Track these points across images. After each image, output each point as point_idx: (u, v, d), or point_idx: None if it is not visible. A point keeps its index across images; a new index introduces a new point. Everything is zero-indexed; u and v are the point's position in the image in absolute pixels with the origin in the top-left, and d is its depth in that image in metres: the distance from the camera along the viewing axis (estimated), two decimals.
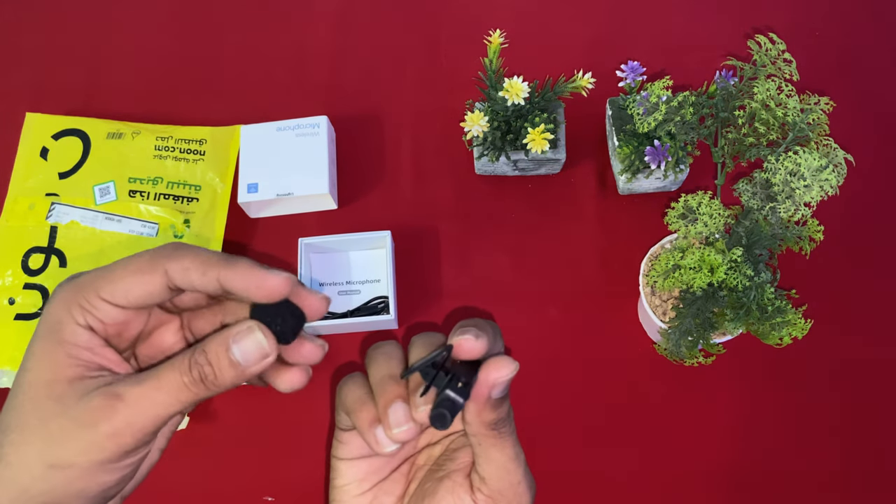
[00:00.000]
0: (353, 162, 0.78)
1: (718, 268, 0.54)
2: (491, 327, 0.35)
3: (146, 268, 0.32)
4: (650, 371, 0.69)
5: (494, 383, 0.33)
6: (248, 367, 0.31)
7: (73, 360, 0.31)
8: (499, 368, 0.33)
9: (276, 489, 0.67)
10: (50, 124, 0.78)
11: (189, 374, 0.31)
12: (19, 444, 0.31)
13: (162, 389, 0.31)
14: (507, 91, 0.65)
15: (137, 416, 0.31)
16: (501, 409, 0.34)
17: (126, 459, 0.31)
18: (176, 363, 0.31)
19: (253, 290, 0.31)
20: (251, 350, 0.31)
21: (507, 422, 0.35)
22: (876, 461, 0.67)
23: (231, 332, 0.31)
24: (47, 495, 0.31)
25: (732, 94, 0.62)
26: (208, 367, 0.31)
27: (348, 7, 0.86)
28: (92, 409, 0.30)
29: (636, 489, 0.66)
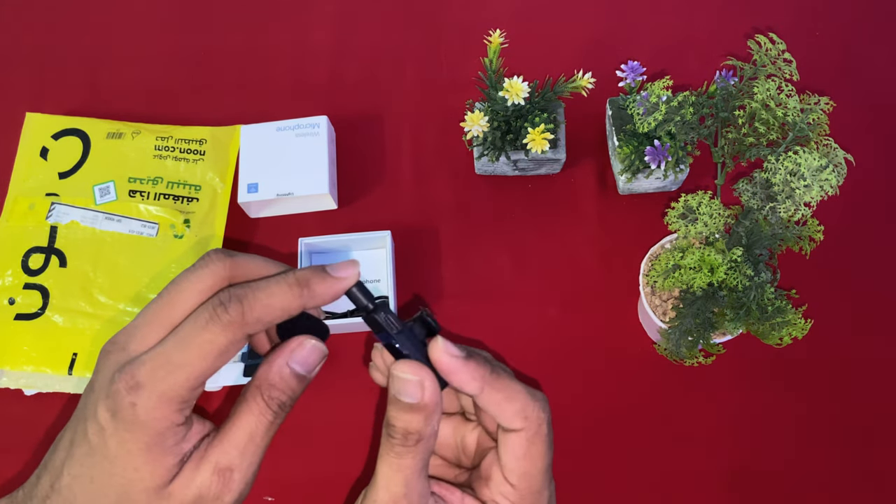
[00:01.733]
0: (353, 162, 0.78)
1: (718, 268, 0.54)
2: None
3: (224, 347, 0.33)
4: (650, 371, 0.69)
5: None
6: (311, 373, 0.34)
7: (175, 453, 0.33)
8: None
9: (276, 489, 0.67)
10: (50, 124, 0.78)
11: (269, 410, 0.34)
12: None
13: (253, 441, 0.34)
14: (507, 91, 0.65)
15: (244, 462, 0.34)
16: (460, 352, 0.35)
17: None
18: (249, 409, 0.34)
19: (335, 288, 0.34)
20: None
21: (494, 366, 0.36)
22: (876, 461, 0.67)
23: (285, 351, 0.34)
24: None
25: (732, 94, 0.62)
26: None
27: (348, 7, 0.86)
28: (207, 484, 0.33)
29: (636, 489, 0.66)
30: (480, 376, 0.34)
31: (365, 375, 0.71)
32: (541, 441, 0.35)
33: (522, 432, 0.34)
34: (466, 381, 0.34)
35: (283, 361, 0.34)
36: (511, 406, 0.34)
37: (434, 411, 0.34)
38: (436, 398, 0.34)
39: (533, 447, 0.35)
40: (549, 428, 0.35)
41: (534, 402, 0.35)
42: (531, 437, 0.35)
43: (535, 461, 0.35)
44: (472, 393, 0.34)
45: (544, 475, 0.36)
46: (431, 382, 0.34)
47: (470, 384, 0.34)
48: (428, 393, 0.33)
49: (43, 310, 0.70)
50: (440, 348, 0.34)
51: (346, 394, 0.70)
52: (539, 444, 0.35)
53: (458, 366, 0.34)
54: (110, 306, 0.71)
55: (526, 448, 0.35)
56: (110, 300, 0.71)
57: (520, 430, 0.35)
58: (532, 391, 0.35)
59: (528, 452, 0.35)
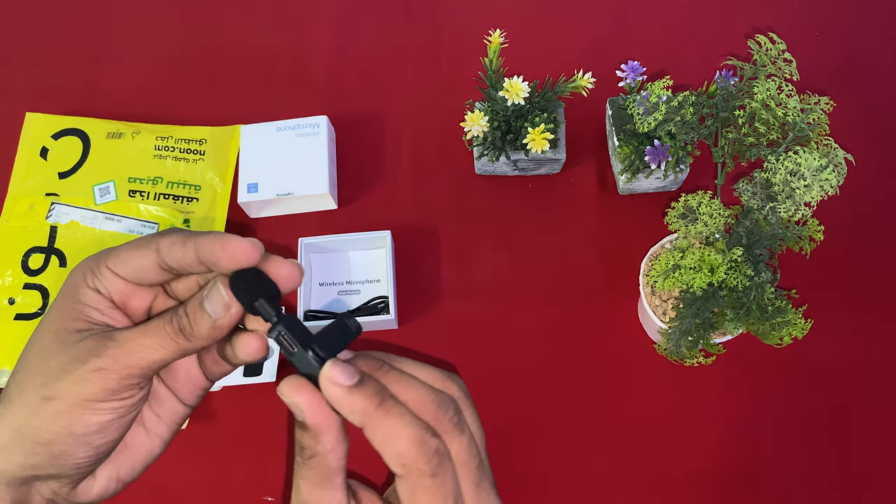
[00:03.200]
0: (353, 162, 0.78)
1: (718, 268, 0.54)
2: None
3: (143, 244, 0.36)
4: (650, 371, 0.69)
5: None
6: (218, 319, 0.34)
7: (82, 315, 0.35)
8: None
9: (276, 489, 0.67)
10: (50, 124, 0.78)
11: (171, 324, 0.34)
12: (21, 381, 0.34)
13: (147, 335, 0.34)
14: (507, 91, 0.65)
15: (123, 355, 0.34)
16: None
17: (110, 400, 0.34)
18: (162, 316, 0.35)
19: (218, 253, 0.33)
20: (217, 301, 0.33)
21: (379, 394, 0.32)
22: (876, 461, 0.67)
23: (203, 290, 0.34)
24: (37, 431, 0.33)
25: (732, 93, 0.62)
26: (185, 319, 0.34)
27: (348, 7, 0.86)
28: (85, 347, 0.34)
29: (636, 489, 0.66)
30: (361, 410, 0.31)
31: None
32: (425, 493, 0.31)
33: (404, 479, 0.31)
34: (348, 413, 0.31)
35: (196, 299, 0.34)
36: (389, 449, 0.31)
37: (321, 431, 0.32)
38: (318, 418, 0.32)
39: (417, 498, 0.31)
40: (437, 482, 0.31)
41: (417, 450, 0.31)
42: (412, 486, 0.31)
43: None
44: (356, 425, 0.32)
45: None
46: (309, 403, 0.32)
47: (352, 417, 0.31)
48: (308, 414, 0.32)
49: (43, 310, 0.70)
50: (325, 374, 0.31)
51: None
52: (424, 495, 0.31)
53: (340, 395, 0.31)
54: None
55: (410, 498, 0.31)
56: None
57: (400, 477, 0.31)
58: (422, 435, 0.31)
59: (413, 502, 0.31)
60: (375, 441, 0.31)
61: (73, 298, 0.35)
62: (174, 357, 0.35)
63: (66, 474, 0.34)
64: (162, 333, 0.34)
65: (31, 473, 0.34)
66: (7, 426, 0.33)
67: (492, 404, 0.69)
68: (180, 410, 0.39)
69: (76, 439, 0.34)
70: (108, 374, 0.33)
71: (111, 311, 0.36)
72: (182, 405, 0.39)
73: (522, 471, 0.67)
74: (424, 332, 0.72)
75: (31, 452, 0.33)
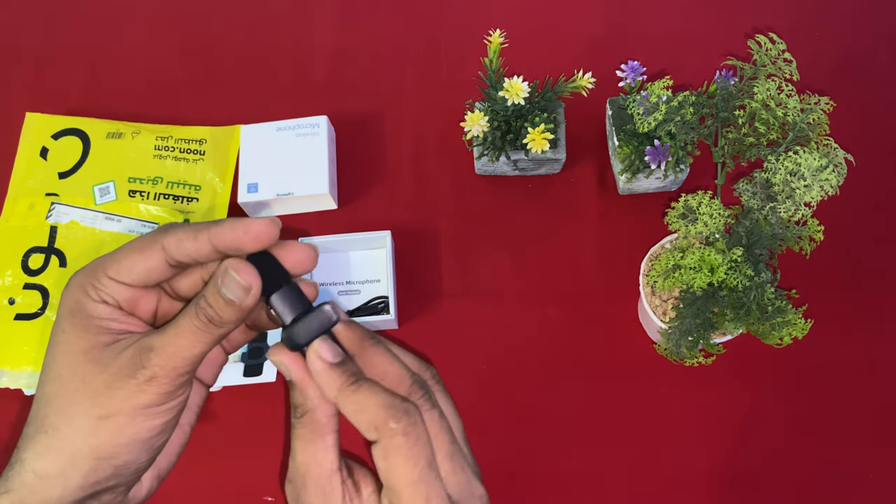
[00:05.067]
0: (353, 162, 0.78)
1: (718, 268, 0.54)
2: None
3: (146, 246, 0.36)
4: (650, 371, 0.69)
5: None
6: (242, 302, 0.34)
7: (101, 329, 0.35)
8: None
9: (276, 489, 0.67)
10: (50, 124, 0.78)
11: (198, 318, 0.35)
12: (65, 408, 0.34)
13: (181, 336, 0.35)
14: (507, 91, 0.65)
15: (168, 360, 0.34)
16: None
17: (167, 402, 0.35)
18: (187, 311, 0.35)
19: (241, 238, 0.34)
20: (234, 286, 0.34)
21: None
22: (876, 461, 0.67)
23: (217, 275, 0.34)
24: (99, 449, 0.34)
25: (732, 93, 0.62)
26: (210, 310, 0.34)
27: (348, 7, 0.86)
28: (127, 362, 0.34)
29: (636, 489, 0.66)
30: (337, 386, 0.34)
31: None
32: (397, 453, 0.33)
33: (377, 444, 0.33)
34: (323, 386, 0.34)
35: (213, 288, 0.35)
36: (362, 417, 0.33)
37: (306, 386, 0.35)
38: (301, 374, 0.35)
39: (390, 460, 0.33)
40: (408, 441, 0.33)
41: (387, 412, 0.33)
42: (384, 448, 0.33)
43: (396, 475, 0.33)
44: (331, 400, 0.34)
45: (415, 489, 0.33)
46: (290, 361, 0.35)
47: (327, 391, 0.34)
48: (292, 371, 0.35)
49: (43, 310, 0.70)
50: (313, 347, 0.34)
51: None
52: (396, 457, 0.33)
53: (320, 369, 0.34)
54: None
55: (384, 461, 0.33)
56: None
57: (374, 442, 0.33)
58: (393, 401, 0.33)
59: (387, 465, 0.33)
60: (349, 413, 0.34)
61: (83, 316, 0.35)
62: (214, 344, 0.36)
63: (124, 482, 0.36)
64: (194, 330, 0.35)
65: (90, 492, 0.35)
66: (60, 452, 0.34)
67: (491, 404, 0.69)
68: (202, 392, 0.41)
69: (141, 445, 0.35)
70: (161, 381, 0.34)
71: (126, 318, 0.36)
72: (203, 386, 0.41)
73: (522, 470, 0.67)
74: (424, 332, 0.72)
75: (92, 470, 0.34)
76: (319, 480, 0.35)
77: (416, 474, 0.33)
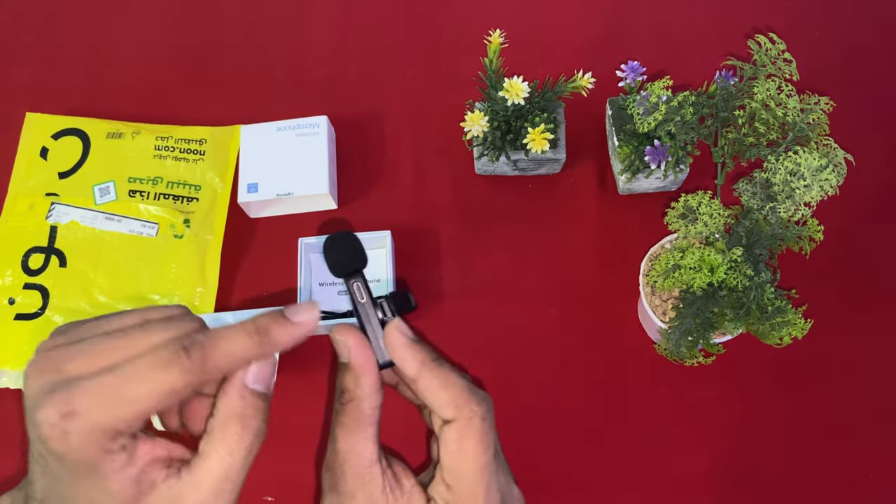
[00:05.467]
0: (353, 162, 0.78)
1: (718, 268, 0.54)
2: None
3: (141, 375, 0.30)
4: (650, 371, 0.69)
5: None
6: (269, 388, 0.35)
7: (136, 484, 0.31)
8: None
9: (276, 489, 0.67)
10: (50, 124, 0.78)
11: (244, 440, 0.33)
12: None
13: (230, 479, 0.34)
14: (507, 91, 0.65)
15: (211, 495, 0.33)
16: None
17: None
18: (223, 443, 0.33)
19: (293, 333, 0.35)
20: (262, 372, 0.35)
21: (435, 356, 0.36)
22: (876, 461, 0.67)
23: (238, 376, 0.34)
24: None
25: (732, 93, 0.62)
26: (252, 420, 0.34)
27: (348, 7, 0.86)
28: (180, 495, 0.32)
29: (636, 489, 0.66)
30: (420, 360, 0.35)
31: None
32: (473, 436, 0.34)
33: (454, 423, 0.34)
34: (407, 359, 0.35)
35: (241, 385, 0.33)
36: (444, 393, 0.34)
37: (361, 373, 0.35)
38: (360, 359, 0.35)
39: (465, 441, 0.33)
40: (484, 424, 0.34)
41: (469, 394, 0.34)
42: (462, 429, 0.34)
43: (466, 458, 0.33)
44: (410, 374, 0.35)
45: (478, 475, 0.34)
46: (356, 343, 0.35)
47: (409, 364, 0.35)
48: (353, 353, 0.35)
49: (43, 310, 0.70)
50: (392, 325, 0.35)
51: None
52: (471, 440, 0.33)
53: (402, 343, 0.35)
54: (110, 306, 0.71)
55: (457, 442, 0.33)
56: (110, 300, 0.71)
57: (451, 421, 0.34)
58: (472, 387, 0.35)
59: (459, 447, 0.33)
60: (431, 388, 0.34)
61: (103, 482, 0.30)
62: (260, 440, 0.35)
63: None
64: (236, 443, 0.33)
65: None
66: None
67: None
68: None
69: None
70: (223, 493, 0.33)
71: (152, 448, 0.32)
72: None
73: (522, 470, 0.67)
74: (424, 332, 0.72)
75: None
76: (359, 470, 0.35)
77: (484, 460, 0.34)
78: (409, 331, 0.35)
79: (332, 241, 0.38)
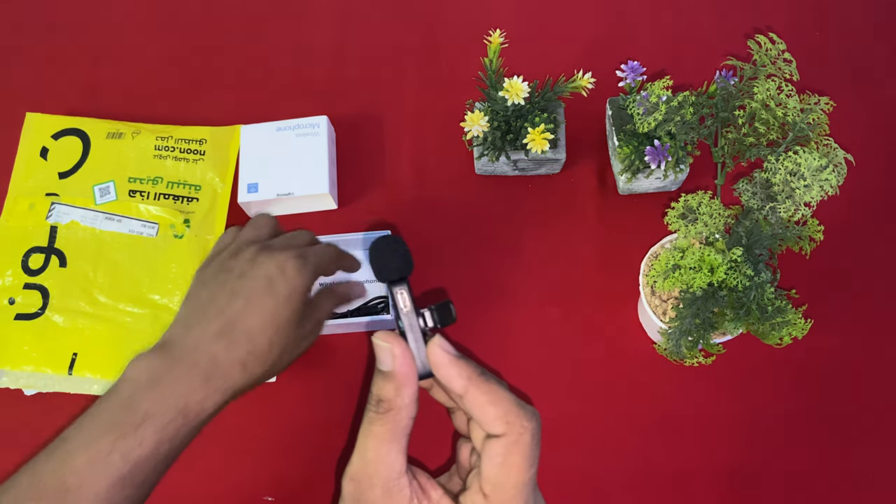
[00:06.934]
0: (353, 162, 0.78)
1: (718, 268, 0.54)
2: None
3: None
4: (650, 371, 0.69)
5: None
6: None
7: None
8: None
9: (276, 489, 0.67)
10: (50, 124, 0.78)
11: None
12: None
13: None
14: (507, 91, 0.65)
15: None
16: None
17: None
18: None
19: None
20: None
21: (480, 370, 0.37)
22: (876, 461, 0.67)
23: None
24: None
25: (732, 93, 0.62)
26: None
27: (348, 7, 0.86)
28: None
29: (636, 489, 0.66)
30: (467, 376, 0.34)
31: (364, 375, 0.71)
32: (520, 451, 0.34)
33: (502, 438, 0.34)
34: (453, 376, 0.35)
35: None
36: (494, 409, 0.34)
37: (404, 383, 0.35)
38: (405, 369, 0.35)
39: (511, 457, 0.34)
40: (532, 441, 0.34)
41: (519, 409, 0.34)
42: (510, 444, 0.34)
43: (510, 472, 0.34)
44: (457, 390, 0.35)
45: (519, 490, 0.34)
46: (402, 352, 0.35)
47: (456, 380, 0.34)
48: (398, 362, 0.35)
49: (43, 310, 0.70)
50: (435, 341, 0.35)
51: (346, 393, 0.70)
52: (518, 455, 0.34)
53: (448, 360, 0.35)
54: (110, 306, 0.71)
55: (504, 456, 0.34)
56: (110, 300, 0.71)
57: (500, 436, 0.34)
58: (521, 402, 0.35)
59: (505, 461, 0.34)
60: (479, 404, 0.34)
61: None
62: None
63: None
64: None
65: None
66: None
67: None
68: None
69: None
70: None
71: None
72: None
73: None
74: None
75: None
76: (388, 482, 0.35)
77: (527, 477, 0.34)
78: (451, 347, 0.35)
79: (381, 245, 0.38)
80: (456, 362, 0.35)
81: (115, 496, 0.44)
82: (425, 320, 0.37)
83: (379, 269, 0.37)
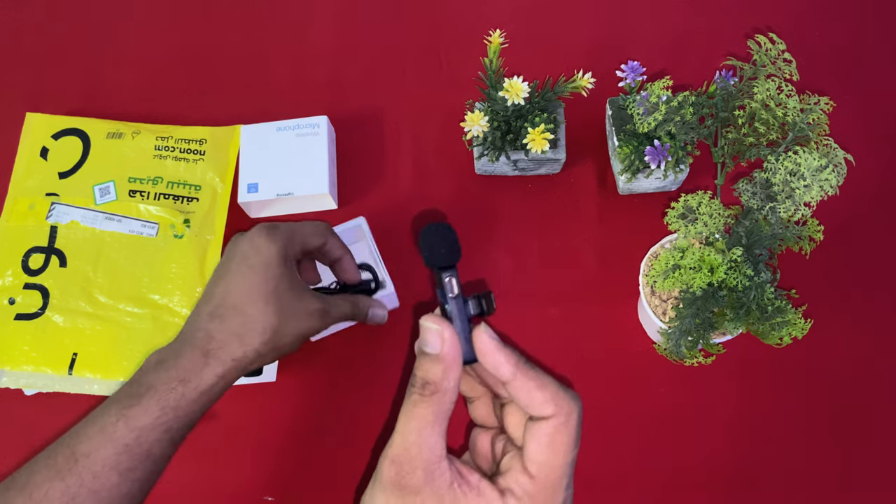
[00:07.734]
0: (353, 162, 0.78)
1: (718, 268, 0.54)
2: None
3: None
4: (650, 371, 0.69)
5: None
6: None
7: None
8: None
9: (276, 489, 0.67)
10: (50, 124, 0.78)
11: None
12: None
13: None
14: (507, 91, 0.65)
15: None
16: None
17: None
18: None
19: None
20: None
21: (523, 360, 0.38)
22: (876, 461, 0.67)
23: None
24: None
25: (732, 94, 0.62)
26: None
27: (348, 7, 0.86)
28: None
29: (636, 489, 0.66)
30: (514, 362, 0.36)
31: (365, 375, 0.71)
32: (568, 432, 0.35)
33: (552, 419, 0.35)
34: (501, 362, 0.36)
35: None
36: (542, 393, 0.35)
37: (451, 366, 0.35)
38: (454, 352, 0.36)
39: (559, 436, 0.35)
40: (578, 423, 0.36)
41: (564, 393, 0.36)
42: (559, 425, 0.35)
43: (557, 452, 0.35)
44: (504, 376, 0.36)
45: (564, 471, 0.36)
46: (451, 336, 0.36)
47: (504, 366, 0.36)
48: (447, 345, 0.35)
49: (43, 310, 0.70)
50: (481, 329, 0.37)
51: (346, 393, 0.70)
52: (565, 435, 0.35)
53: (495, 347, 0.36)
54: (110, 306, 0.71)
55: (552, 436, 0.35)
56: (110, 300, 0.71)
57: (549, 418, 0.35)
58: (564, 386, 0.37)
59: (553, 441, 0.35)
60: (526, 389, 0.36)
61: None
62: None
63: None
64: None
65: None
66: None
67: None
68: None
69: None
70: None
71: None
72: None
73: None
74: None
75: None
76: (430, 465, 0.35)
77: (571, 456, 0.36)
78: (495, 335, 0.37)
79: (431, 231, 0.38)
80: (502, 349, 0.36)
81: (122, 463, 0.48)
82: (470, 307, 0.38)
83: (430, 254, 0.38)
